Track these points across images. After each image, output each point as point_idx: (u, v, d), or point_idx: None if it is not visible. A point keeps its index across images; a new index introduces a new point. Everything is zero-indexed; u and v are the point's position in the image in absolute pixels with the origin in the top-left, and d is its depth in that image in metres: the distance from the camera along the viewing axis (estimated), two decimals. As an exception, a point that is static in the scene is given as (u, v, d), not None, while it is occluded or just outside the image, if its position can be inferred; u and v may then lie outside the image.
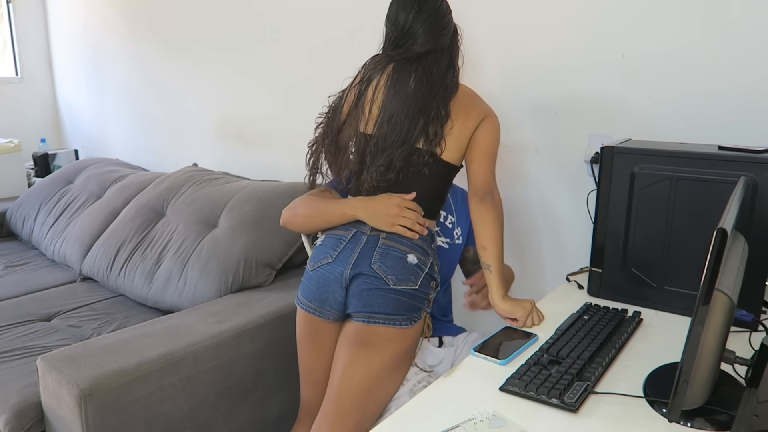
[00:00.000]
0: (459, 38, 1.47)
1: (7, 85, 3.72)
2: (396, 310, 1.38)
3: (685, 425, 0.92)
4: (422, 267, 1.40)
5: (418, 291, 1.39)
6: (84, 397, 1.38)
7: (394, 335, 1.38)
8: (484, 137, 1.45)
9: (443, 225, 1.66)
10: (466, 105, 1.45)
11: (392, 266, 1.39)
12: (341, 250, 1.43)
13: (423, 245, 1.42)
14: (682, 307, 1.30)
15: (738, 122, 1.42)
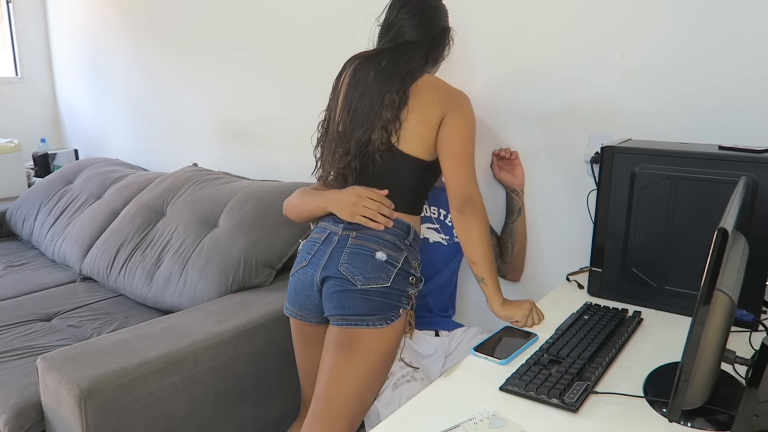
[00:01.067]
0: (449, 39, 1.47)
1: (7, 85, 3.72)
2: (368, 310, 1.36)
3: (686, 425, 0.92)
4: (393, 263, 1.38)
5: (392, 288, 1.36)
6: (84, 397, 1.38)
7: (372, 336, 1.36)
8: (449, 135, 1.39)
9: (443, 222, 1.66)
10: (426, 96, 1.40)
11: (360, 266, 1.37)
12: (314, 252, 1.43)
13: (395, 241, 1.40)
14: (683, 307, 1.30)
15: (738, 122, 1.42)
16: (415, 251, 1.43)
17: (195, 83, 2.85)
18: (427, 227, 1.68)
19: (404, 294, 1.38)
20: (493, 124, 1.84)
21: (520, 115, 1.78)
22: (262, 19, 2.47)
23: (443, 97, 1.41)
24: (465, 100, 1.42)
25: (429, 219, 1.69)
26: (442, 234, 1.67)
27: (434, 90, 1.41)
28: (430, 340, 1.59)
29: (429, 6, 1.44)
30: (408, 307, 1.39)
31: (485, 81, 1.83)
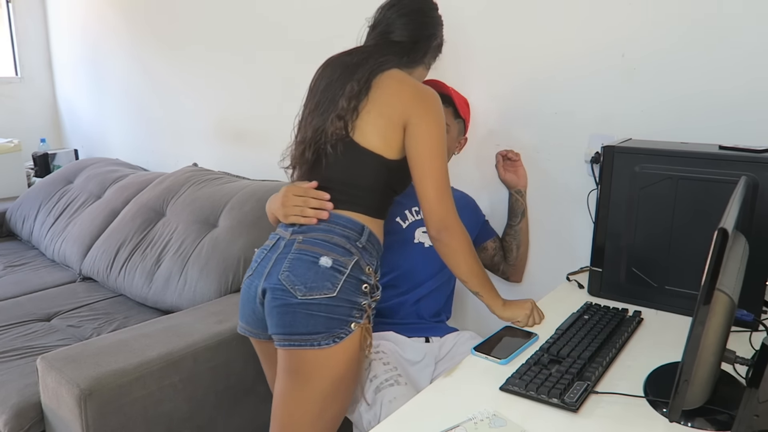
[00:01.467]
0: (434, 47, 1.40)
1: (7, 85, 3.72)
2: (312, 327, 1.20)
3: (686, 425, 0.92)
4: (341, 269, 1.22)
5: (338, 299, 1.21)
6: (84, 397, 1.38)
7: (319, 359, 1.21)
8: (419, 148, 1.26)
9: None
10: (390, 89, 1.28)
11: (301, 273, 1.22)
12: (261, 260, 1.31)
13: (344, 243, 1.25)
14: (683, 306, 1.30)
15: (738, 122, 1.42)
16: (370, 256, 1.29)
17: (195, 83, 2.85)
18: (422, 231, 1.62)
19: (355, 305, 1.23)
20: (494, 124, 1.84)
21: (520, 115, 1.78)
22: (262, 19, 2.47)
23: (408, 93, 1.28)
24: (433, 101, 1.29)
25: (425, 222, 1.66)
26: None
27: (399, 84, 1.29)
28: (419, 346, 1.54)
29: (418, 8, 1.38)
30: (361, 321, 1.23)
31: (485, 81, 1.83)
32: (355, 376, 1.29)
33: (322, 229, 1.26)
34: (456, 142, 1.66)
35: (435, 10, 1.43)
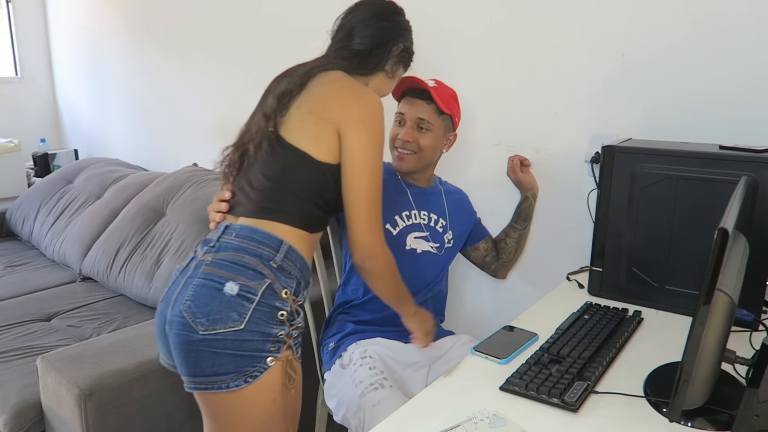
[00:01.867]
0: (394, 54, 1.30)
1: (7, 85, 3.72)
2: (218, 368, 1.05)
3: (686, 425, 0.92)
4: (249, 296, 1.06)
5: (247, 332, 1.05)
6: (84, 397, 1.38)
7: (231, 402, 1.07)
8: (349, 161, 1.14)
9: (433, 229, 1.59)
10: (326, 87, 1.18)
11: (204, 304, 1.06)
12: (172, 283, 1.16)
13: (255, 264, 1.09)
14: (683, 306, 1.30)
15: (739, 122, 1.42)
16: (287, 277, 1.12)
17: (195, 83, 2.85)
18: (414, 237, 1.57)
19: (269, 338, 1.06)
20: (494, 125, 1.84)
21: (520, 115, 1.78)
22: (261, 19, 2.47)
23: (346, 95, 1.17)
24: (373, 111, 1.16)
25: (418, 227, 1.58)
26: (431, 242, 1.59)
27: (337, 84, 1.19)
28: (411, 351, 1.50)
29: (376, 14, 1.29)
30: (279, 355, 1.07)
31: (485, 81, 1.83)
32: (287, 413, 1.14)
33: (233, 247, 1.11)
34: (444, 140, 1.58)
35: (397, 15, 1.34)
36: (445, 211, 1.63)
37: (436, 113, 1.53)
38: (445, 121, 1.56)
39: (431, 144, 1.54)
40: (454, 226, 1.64)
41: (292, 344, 1.11)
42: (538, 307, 1.36)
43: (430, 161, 1.59)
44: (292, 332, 1.10)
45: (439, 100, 1.51)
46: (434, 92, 1.51)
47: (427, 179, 1.64)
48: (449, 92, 1.57)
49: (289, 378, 1.10)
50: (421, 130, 1.53)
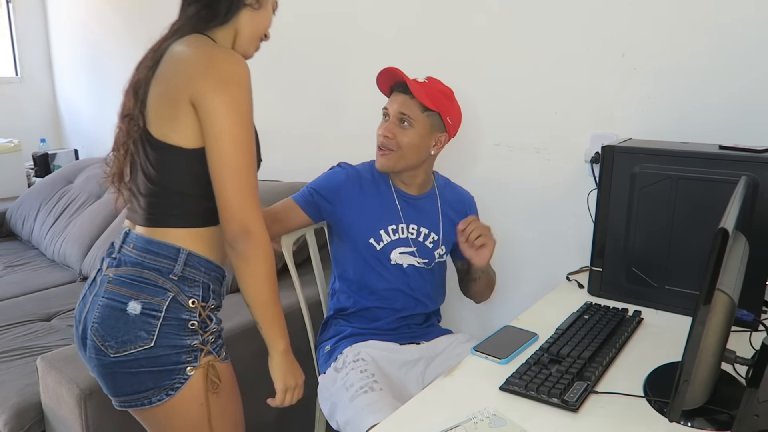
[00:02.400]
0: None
1: (7, 85, 3.72)
2: (136, 386, 1.04)
3: (686, 425, 0.92)
4: (154, 313, 1.01)
5: (159, 348, 1.02)
6: (84, 396, 1.38)
7: (158, 416, 1.07)
8: (208, 130, 0.98)
9: (422, 245, 1.50)
10: (175, 60, 1.02)
11: (111, 326, 1.02)
12: (82, 297, 1.11)
13: (156, 279, 1.03)
14: (683, 306, 1.30)
15: (739, 122, 1.42)
16: (191, 285, 1.06)
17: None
18: (399, 252, 1.48)
19: (183, 350, 1.03)
20: (494, 125, 1.84)
21: (520, 115, 1.78)
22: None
23: (191, 63, 1.00)
24: (229, 71, 0.99)
25: (404, 241, 1.48)
26: (418, 258, 1.50)
27: (181, 54, 1.02)
28: (411, 349, 1.49)
29: None
30: (197, 363, 1.04)
31: (485, 81, 1.83)
32: (222, 416, 1.11)
33: (132, 262, 1.05)
34: (431, 140, 1.43)
35: None
36: (438, 223, 1.52)
37: (419, 109, 1.40)
38: (431, 118, 1.41)
39: (412, 142, 1.40)
40: (449, 239, 1.53)
41: (210, 349, 1.07)
42: (538, 307, 1.36)
43: (413, 162, 1.44)
44: (207, 339, 1.07)
45: (422, 95, 1.38)
46: (418, 86, 1.40)
47: (419, 185, 1.50)
48: (441, 89, 1.44)
49: (212, 383, 1.07)
50: (402, 125, 1.40)
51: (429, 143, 1.43)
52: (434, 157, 1.49)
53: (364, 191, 1.48)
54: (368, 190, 1.49)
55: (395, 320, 1.52)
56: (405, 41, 1.99)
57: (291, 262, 1.62)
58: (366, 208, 1.47)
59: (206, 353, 1.06)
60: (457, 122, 1.47)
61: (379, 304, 1.51)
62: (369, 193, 1.48)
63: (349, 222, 1.48)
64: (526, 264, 1.85)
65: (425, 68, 1.97)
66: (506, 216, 1.84)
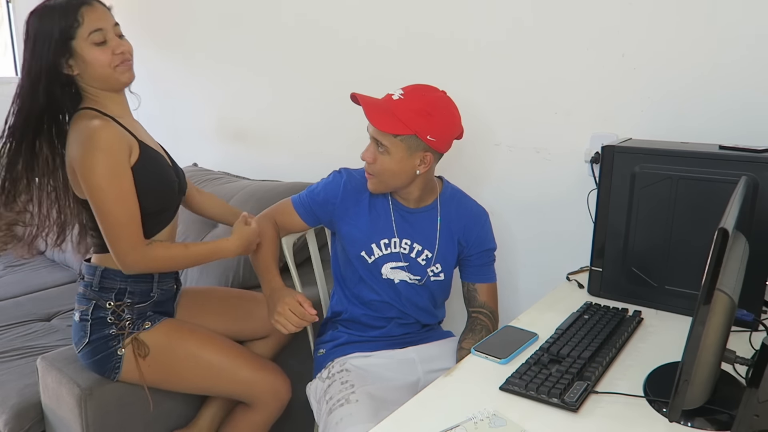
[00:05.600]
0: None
1: (7, 85, 3.71)
2: (97, 370, 1.42)
3: (686, 425, 0.92)
4: (85, 318, 1.40)
5: (93, 343, 1.39)
6: (84, 397, 1.38)
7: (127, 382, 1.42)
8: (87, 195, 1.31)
9: (414, 261, 1.47)
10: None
11: (72, 331, 1.44)
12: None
13: (85, 292, 1.42)
14: (683, 306, 1.30)
15: (739, 122, 1.42)
16: (107, 291, 1.40)
17: (195, 83, 2.85)
18: (390, 267, 1.46)
19: (108, 338, 1.39)
20: (494, 125, 1.84)
21: (520, 115, 1.78)
22: (262, 19, 2.47)
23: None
24: (74, 149, 1.29)
25: (395, 256, 1.45)
26: (410, 274, 1.47)
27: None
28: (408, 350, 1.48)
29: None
30: (121, 346, 1.39)
31: (485, 81, 1.83)
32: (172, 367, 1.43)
33: (82, 284, 1.44)
34: (413, 161, 1.34)
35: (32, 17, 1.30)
36: (435, 240, 1.45)
37: (391, 135, 1.31)
38: (406, 141, 1.31)
39: (389, 168, 1.34)
40: (446, 258, 1.47)
41: (131, 329, 1.40)
42: (538, 307, 1.36)
43: (398, 185, 1.39)
44: (124, 325, 1.40)
45: (386, 122, 1.30)
46: (381, 113, 1.31)
47: (416, 199, 1.44)
48: (415, 107, 1.31)
49: (141, 351, 1.39)
50: (380, 151, 1.34)
51: (411, 165, 1.34)
52: (426, 174, 1.39)
53: (360, 202, 1.45)
54: (364, 201, 1.45)
55: (389, 329, 1.51)
56: (405, 42, 1.99)
57: (291, 261, 1.62)
58: (360, 220, 1.45)
59: (127, 334, 1.40)
60: (443, 136, 1.34)
61: (371, 313, 1.50)
62: (364, 204, 1.45)
63: (343, 233, 1.47)
64: (526, 264, 1.85)
65: (425, 68, 1.97)
66: (506, 216, 1.84)
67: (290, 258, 1.61)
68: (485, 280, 1.52)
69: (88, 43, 1.28)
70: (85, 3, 1.29)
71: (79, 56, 1.29)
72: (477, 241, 1.49)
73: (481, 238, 1.50)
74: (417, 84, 1.39)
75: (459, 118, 1.40)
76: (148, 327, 1.42)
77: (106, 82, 1.36)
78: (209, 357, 1.44)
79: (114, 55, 1.32)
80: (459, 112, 1.40)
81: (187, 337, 1.45)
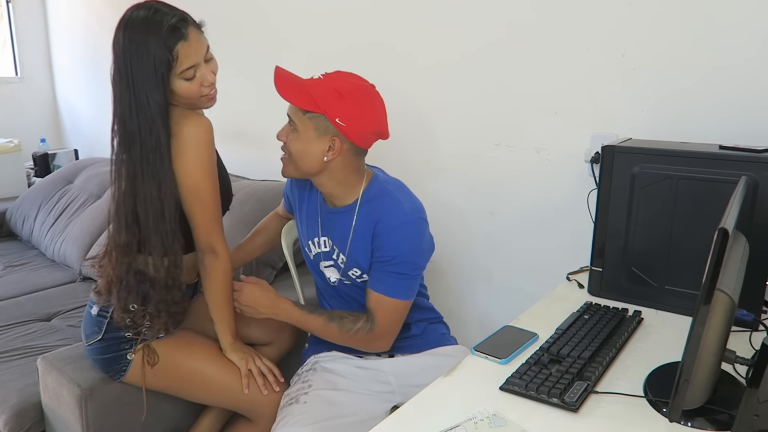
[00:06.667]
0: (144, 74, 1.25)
1: (7, 85, 3.72)
2: (102, 367, 1.42)
3: (686, 425, 0.92)
4: (104, 314, 1.38)
5: (105, 342, 1.38)
6: (85, 397, 1.38)
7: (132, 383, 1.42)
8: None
9: (336, 261, 1.40)
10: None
11: (84, 322, 1.45)
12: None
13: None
14: (683, 306, 1.30)
15: (739, 122, 1.42)
16: (130, 294, 1.34)
17: (195, 83, 2.85)
18: (324, 266, 1.43)
19: (122, 340, 1.38)
20: (494, 125, 1.84)
21: (520, 116, 1.78)
22: (263, 19, 2.47)
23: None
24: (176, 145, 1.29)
25: (326, 254, 1.41)
26: (338, 273, 1.40)
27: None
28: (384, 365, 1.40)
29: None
30: (132, 351, 1.38)
31: (485, 81, 1.83)
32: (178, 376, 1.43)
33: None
34: (321, 145, 1.26)
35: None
36: (347, 240, 1.34)
37: (300, 111, 1.26)
38: (314, 121, 1.25)
39: (297, 147, 1.28)
40: (359, 262, 1.35)
41: (146, 337, 1.39)
42: (538, 307, 1.36)
43: (307, 170, 1.31)
44: (140, 330, 1.38)
45: (294, 94, 1.26)
46: (292, 85, 1.27)
47: (336, 197, 1.35)
48: (333, 86, 1.24)
49: (151, 359, 1.39)
50: (291, 129, 1.31)
51: (320, 148, 1.26)
52: (339, 165, 1.29)
53: (301, 198, 1.47)
54: (303, 197, 1.46)
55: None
56: (405, 43, 1.99)
57: (291, 261, 1.62)
58: (303, 215, 1.46)
59: (140, 341, 1.39)
60: (355, 124, 1.24)
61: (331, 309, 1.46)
62: (303, 200, 1.46)
63: (297, 226, 1.51)
64: (526, 264, 1.85)
65: (425, 69, 1.97)
66: (506, 216, 1.84)
67: (290, 258, 1.61)
68: (374, 287, 1.32)
69: (179, 79, 1.28)
70: (182, 38, 1.27)
71: (169, 86, 1.27)
72: (378, 245, 1.31)
73: (382, 242, 1.30)
74: (343, 71, 1.32)
75: (382, 114, 1.30)
76: (162, 336, 1.41)
77: (188, 105, 1.34)
78: (216, 374, 1.42)
79: (202, 87, 1.32)
80: (384, 110, 1.31)
81: (196, 352, 1.44)
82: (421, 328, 1.46)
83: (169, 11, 1.29)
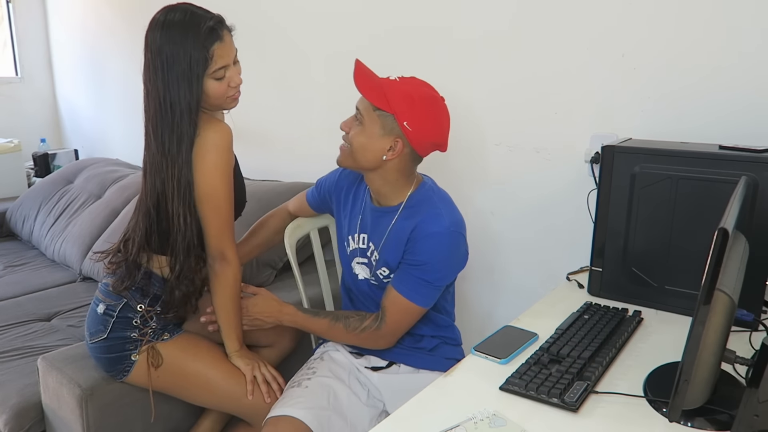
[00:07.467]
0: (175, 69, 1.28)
1: (7, 85, 3.72)
2: (104, 367, 1.42)
3: (686, 425, 0.92)
4: (111, 313, 1.38)
5: (110, 341, 1.38)
6: (85, 397, 1.38)
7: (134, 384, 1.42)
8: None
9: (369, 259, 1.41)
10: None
11: (88, 319, 1.44)
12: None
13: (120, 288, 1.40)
14: (683, 306, 1.30)
15: (739, 122, 1.42)
16: (139, 294, 1.39)
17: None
18: (357, 262, 1.44)
19: (127, 340, 1.38)
20: (494, 125, 1.84)
21: (520, 116, 1.78)
22: (263, 19, 2.47)
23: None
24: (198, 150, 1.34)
25: (362, 251, 1.43)
26: (368, 271, 1.42)
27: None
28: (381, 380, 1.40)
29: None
30: (136, 352, 1.39)
31: (485, 81, 1.83)
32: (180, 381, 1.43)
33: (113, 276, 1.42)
34: (385, 143, 1.29)
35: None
36: (382, 239, 1.37)
37: (371, 107, 1.29)
38: (382, 118, 1.28)
39: (359, 140, 1.29)
40: (389, 263, 1.36)
41: (150, 338, 1.40)
42: (538, 307, 1.36)
43: (363, 164, 1.32)
44: (146, 332, 1.40)
45: (371, 91, 1.29)
46: (371, 83, 1.30)
47: (383, 196, 1.37)
48: (406, 91, 1.28)
49: (155, 361, 1.39)
50: (357, 120, 1.32)
51: (381, 146, 1.29)
52: (394, 166, 1.32)
53: (347, 193, 1.49)
54: (350, 192, 1.48)
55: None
56: (405, 42, 1.99)
57: (294, 262, 1.62)
58: (345, 210, 1.48)
59: (146, 342, 1.39)
60: (421, 131, 1.28)
61: (351, 306, 1.50)
62: (350, 195, 1.48)
63: (336, 218, 1.52)
64: (526, 264, 1.85)
65: (425, 68, 1.96)
66: (506, 216, 1.85)
67: (293, 257, 1.61)
68: (396, 285, 1.33)
69: (210, 78, 1.31)
70: (219, 39, 1.31)
71: (202, 86, 1.31)
72: (410, 249, 1.32)
73: (415, 247, 1.31)
74: (418, 78, 1.36)
75: (446, 127, 1.34)
76: (166, 338, 1.42)
77: (214, 106, 1.39)
78: (218, 379, 1.42)
79: (229, 88, 1.35)
80: (448, 124, 1.34)
81: (201, 356, 1.44)
82: (432, 344, 1.44)
83: (205, 13, 1.33)
